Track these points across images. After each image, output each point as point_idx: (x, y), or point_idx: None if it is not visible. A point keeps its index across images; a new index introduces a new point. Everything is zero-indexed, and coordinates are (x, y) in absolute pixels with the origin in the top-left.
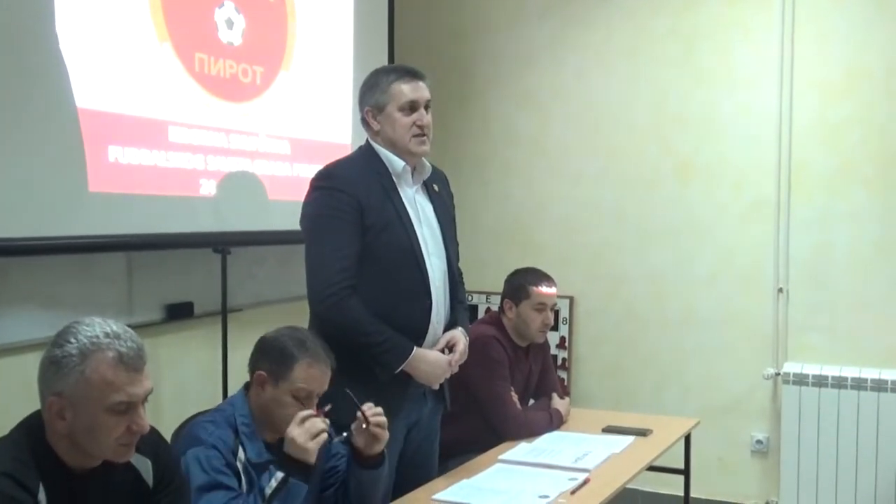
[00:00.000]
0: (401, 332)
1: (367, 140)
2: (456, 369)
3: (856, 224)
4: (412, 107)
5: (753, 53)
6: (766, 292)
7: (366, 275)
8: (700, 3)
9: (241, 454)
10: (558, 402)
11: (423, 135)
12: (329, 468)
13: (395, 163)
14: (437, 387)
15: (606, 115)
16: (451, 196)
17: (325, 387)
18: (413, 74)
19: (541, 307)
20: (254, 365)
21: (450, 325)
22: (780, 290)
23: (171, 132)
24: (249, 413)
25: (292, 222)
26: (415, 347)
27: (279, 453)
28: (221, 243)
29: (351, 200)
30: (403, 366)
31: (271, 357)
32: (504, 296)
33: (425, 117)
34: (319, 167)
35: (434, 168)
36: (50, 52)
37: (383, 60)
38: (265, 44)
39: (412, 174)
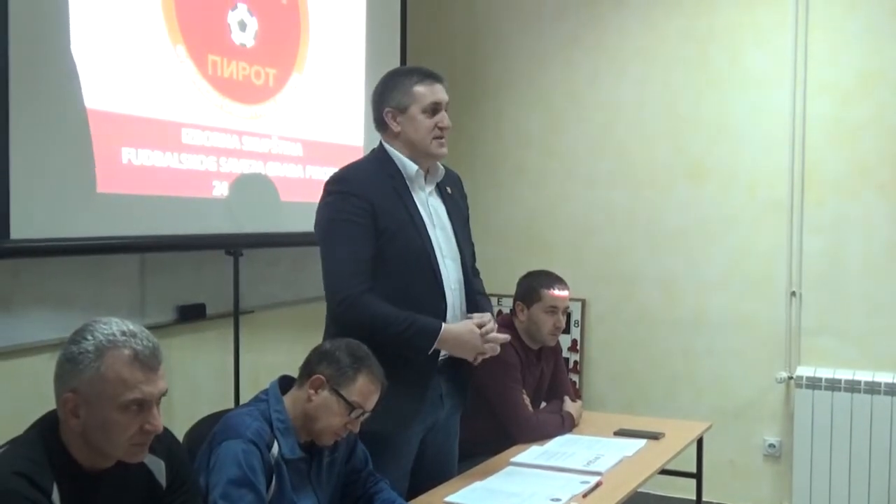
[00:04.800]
0: None
1: (380, 143)
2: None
3: (869, 227)
4: (434, 109)
5: (767, 55)
6: (779, 295)
7: (380, 279)
8: (713, 4)
9: (275, 448)
10: (570, 405)
11: (443, 137)
12: (350, 470)
13: (409, 166)
14: (475, 360)
15: (619, 117)
16: (464, 197)
17: (372, 406)
18: (433, 77)
19: (552, 310)
20: (311, 368)
21: None
22: (793, 293)
23: (185, 134)
24: (285, 410)
25: (305, 224)
26: (443, 324)
27: (310, 453)
28: (234, 245)
29: (364, 205)
30: (436, 344)
31: (335, 363)
32: (516, 298)
33: (446, 119)
34: (332, 169)
35: (447, 170)
36: (65, 55)
37: (396, 63)
38: (278, 46)
39: (425, 177)
